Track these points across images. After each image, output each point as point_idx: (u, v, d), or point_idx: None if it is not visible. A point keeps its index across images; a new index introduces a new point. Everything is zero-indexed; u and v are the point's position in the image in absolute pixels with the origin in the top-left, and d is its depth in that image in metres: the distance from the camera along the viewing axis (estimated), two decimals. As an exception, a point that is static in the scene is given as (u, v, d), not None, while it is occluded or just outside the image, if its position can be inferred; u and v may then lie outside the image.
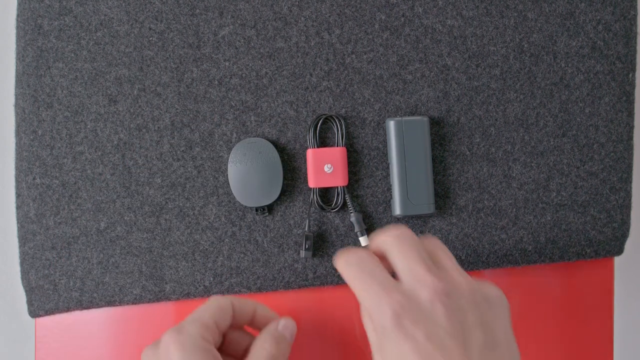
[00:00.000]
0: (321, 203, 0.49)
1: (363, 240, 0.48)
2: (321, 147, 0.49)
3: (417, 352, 0.35)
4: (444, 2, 0.49)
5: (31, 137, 0.48)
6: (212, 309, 0.43)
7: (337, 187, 0.48)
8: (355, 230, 0.48)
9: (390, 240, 0.39)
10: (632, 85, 0.51)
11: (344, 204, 0.49)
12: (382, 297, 0.37)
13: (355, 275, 0.39)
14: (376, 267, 0.39)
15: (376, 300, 0.37)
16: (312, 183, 0.48)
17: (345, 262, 0.40)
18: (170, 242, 0.48)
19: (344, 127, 0.48)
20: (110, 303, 0.49)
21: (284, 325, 0.44)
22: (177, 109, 0.48)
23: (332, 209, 0.49)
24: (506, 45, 0.50)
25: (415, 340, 0.36)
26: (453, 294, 0.37)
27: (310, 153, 0.48)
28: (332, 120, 0.48)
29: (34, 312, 0.49)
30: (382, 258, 0.40)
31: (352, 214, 0.48)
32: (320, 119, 0.48)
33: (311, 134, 0.48)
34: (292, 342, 0.44)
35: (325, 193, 0.49)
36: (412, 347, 0.36)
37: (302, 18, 0.49)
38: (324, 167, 0.48)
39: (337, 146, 0.48)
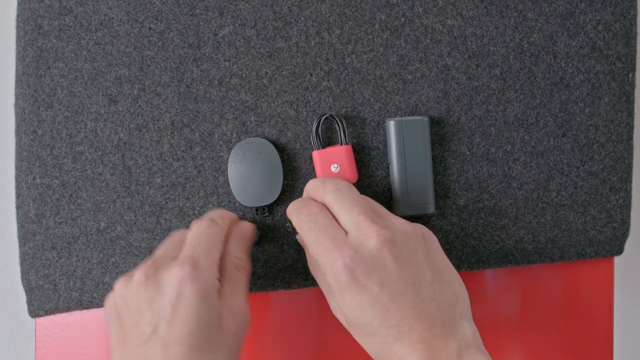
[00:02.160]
0: None
1: None
2: (325, 147, 0.48)
3: (374, 301, 0.37)
4: (444, 2, 0.49)
5: (31, 137, 0.48)
6: (219, 239, 0.42)
7: None
8: None
9: (330, 195, 0.41)
10: (632, 85, 0.51)
11: None
12: (334, 252, 0.38)
13: (308, 229, 0.40)
14: (328, 221, 0.40)
15: (328, 255, 0.38)
16: None
17: (297, 217, 0.41)
18: (170, 242, 0.48)
19: (345, 125, 0.48)
20: (110, 303, 0.49)
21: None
22: (177, 109, 0.48)
23: None
24: (506, 45, 0.50)
25: (370, 291, 0.37)
26: (398, 239, 0.39)
27: (315, 155, 0.48)
28: (333, 120, 0.48)
29: (34, 312, 0.49)
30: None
31: None
32: (321, 120, 0.48)
33: (314, 135, 0.48)
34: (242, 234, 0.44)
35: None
36: (368, 297, 0.37)
37: (302, 18, 0.49)
38: (331, 167, 0.47)
39: (341, 144, 0.48)
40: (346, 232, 0.39)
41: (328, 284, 0.40)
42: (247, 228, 0.45)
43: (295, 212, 0.42)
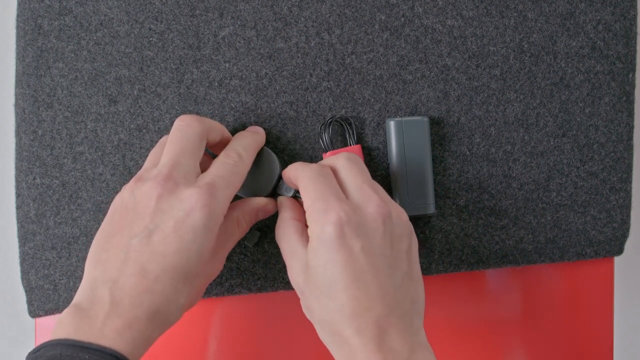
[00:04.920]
0: None
1: None
2: (334, 149, 0.48)
3: (349, 262, 0.37)
4: (444, 2, 0.49)
5: (31, 137, 0.48)
6: (241, 178, 0.42)
7: None
8: None
9: (342, 161, 0.41)
10: (632, 85, 0.51)
11: None
12: (332, 202, 0.38)
13: (312, 177, 0.40)
14: (333, 180, 0.40)
15: (325, 204, 0.38)
16: None
17: (303, 169, 0.41)
18: (171, 243, 0.48)
19: (354, 126, 0.48)
20: (110, 303, 0.49)
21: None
22: (177, 110, 0.48)
23: None
24: (506, 45, 0.50)
25: (350, 251, 0.37)
26: (393, 218, 0.39)
27: (327, 157, 0.47)
28: (340, 123, 0.48)
29: (34, 312, 0.49)
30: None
31: None
32: (330, 122, 0.48)
33: (325, 138, 0.48)
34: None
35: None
36: (345, 256, 0.37)
37: (302, 18, 0.49)
38: None
39: (351, 145, 0.48)
40: (348, 197, 0.39)
41: (293, 247, 0.40)
42: (262, 203, 0.45)
43: (301, 165, 0.41)
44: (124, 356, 0.35)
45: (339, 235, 0.37)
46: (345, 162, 0.41)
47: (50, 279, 0.48)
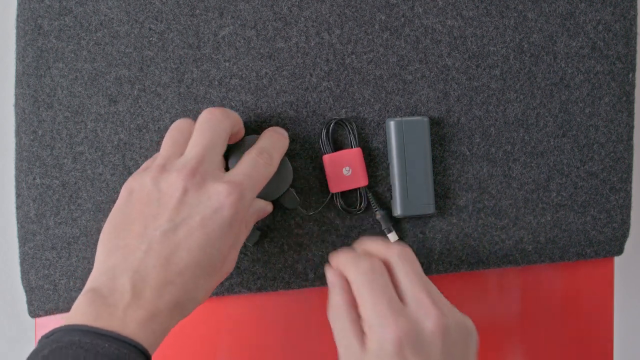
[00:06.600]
0: (345, 206, 0.48)
1: (392, 237, 0.48)
2: (334, 151, 0.48)
3: None
4: (444, 2, 0.49)
5: (31, 137, 0.48)
6: (266, 179, 0.42)
7: (359, 188, 0.48)
8: (383, 228, 0.48)
9: (396, 258, 0.40)
10: (632, 85, 0.51)
11: (368, 204, 0.49)
12: (390, 318, 0.37)
13: (365, 280, 0.39)
14: (388, 282, 0.39)
15: (382, 319, 0.37)
16: (332, 188, 0.48)
17: (356, 268, 0.40)
18: (171, 242, 0.48)
19: (355, 128, 0.48)
20: (110, 303, 0.49)
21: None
22: (177, 109, 0.48)
23: (358, 211, 0.48)
24: (506, 45, 0.50)
25: None
26: (452, 329, 0.38)
27: (327, 159, 0.47)
28: (342, 124, 0.48)
29: (34, 312, 0.49)
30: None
31: (377, 212, 0.48)
32: (331, 124, 0.48)
33: (324, 139, 0.48)
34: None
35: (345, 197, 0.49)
36: None
37: (302, 18, 0.49)
38: (343, 170, 0.47)
39: (352, 148, 0.48)
40: (403, 301, 0.39)
41: (349, 341, 0.39)
42: (263, 205, 0.46)
43: (353, 262, 0.40)
44: (144, 348, 0.35)
45: (398, 354, 0.36)
46: (398, 260, 0.40)
47: (50, 279, 0.48)
